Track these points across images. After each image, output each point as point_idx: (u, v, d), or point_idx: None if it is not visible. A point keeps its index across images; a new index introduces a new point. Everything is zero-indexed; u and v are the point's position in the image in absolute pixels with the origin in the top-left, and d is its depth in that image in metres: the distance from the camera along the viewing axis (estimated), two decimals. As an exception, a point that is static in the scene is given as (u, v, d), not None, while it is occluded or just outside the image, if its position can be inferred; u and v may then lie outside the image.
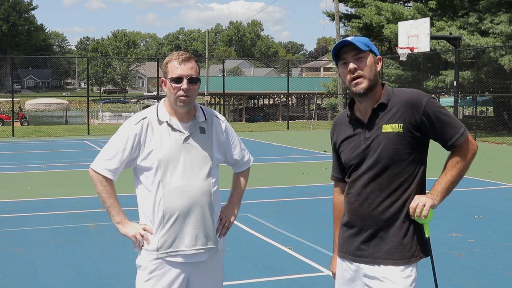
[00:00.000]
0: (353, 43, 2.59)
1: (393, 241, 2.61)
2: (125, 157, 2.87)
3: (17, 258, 6.21)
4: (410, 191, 2.62)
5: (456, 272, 5.68)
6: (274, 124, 35.64)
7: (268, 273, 5.72)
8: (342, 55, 2.63)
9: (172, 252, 2.87)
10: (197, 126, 2.92)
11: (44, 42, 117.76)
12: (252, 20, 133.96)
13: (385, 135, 2.59)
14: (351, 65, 2.59)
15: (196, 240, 2.89)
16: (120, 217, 2.92)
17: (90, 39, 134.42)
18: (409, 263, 2.60)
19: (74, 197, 9.92)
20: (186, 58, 2.85)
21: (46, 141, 22.29)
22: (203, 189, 2.88)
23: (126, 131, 2.89)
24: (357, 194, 2.66)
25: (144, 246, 2.91)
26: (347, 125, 2.75)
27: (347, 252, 2.73)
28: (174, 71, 2.83)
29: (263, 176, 12.14)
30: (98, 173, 2.89)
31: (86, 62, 30.55)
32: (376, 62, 2.65)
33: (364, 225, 2.65)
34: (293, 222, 7.87)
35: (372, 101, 2.65)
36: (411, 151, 2.59)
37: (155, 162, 2.84)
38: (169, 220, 2.85)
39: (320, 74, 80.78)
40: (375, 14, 28.18)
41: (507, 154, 17.28)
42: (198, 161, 2.89)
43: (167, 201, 2.84)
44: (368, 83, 2.59)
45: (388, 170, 2.59)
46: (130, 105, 57.54)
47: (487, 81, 25.76)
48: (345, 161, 2.74)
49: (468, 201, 9.31)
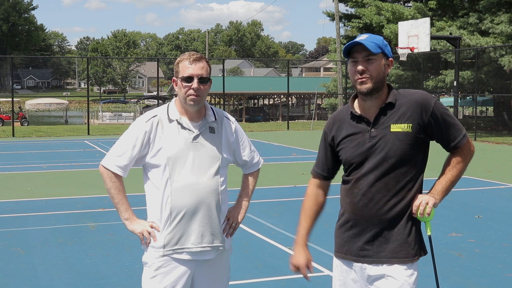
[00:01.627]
0: (365, 45, 2.56)
1: (398, 239, 2.61)
2: (135, 154, 2.92)
3: (17, 258, 6.21)
4: (414, 191, 2.63)
5: (456, 272, 5.68)
6: (274, 124, 35.65)
7: (268, 273, 5.72)
8: (353, 53, 2.61)
9: (178, 249, 2.90)
10: (206, 125, 2.96)
11: (44, 42, 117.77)
12: (252, 20, 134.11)
13: (394, 135, 2.59)
14: (360, 67, 2.59)
15: (202, 238, 2.91)
16: (128, 214, 2.95)
17: (90, 39, 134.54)
18: (412, 261, 2.62)
19: (74, 197, 9.92)
20: (197, 58, 2.90)
21: (46, 141, 22.29)
22: (210, 187, 2.91)
23: (136, 129, 2.94)
24: (363, 193, 2.63)
25: (150, 243, 2.93)
26: (348, 122, 2.71)
27: (349, 252, 2.70)
28: (185, 70, 2.88)
29: (263, 176, 12.07)
30: (108, 170, 2.94)
31: (86, 62, 30.55)
32: (387, 65, 2.65)
33: (369, 224, 2.64)
34: (293, 222, 7.83)
35: (377, 100, 2.65)
36: (417, 151, 2.61)
37: (163, 159, 2.88)
38: (176, 217, 2.88)
39: (320, 74, 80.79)
40: (375, 14, 28.19)
41: (507, 154, 17.28)
42: (207, 160, 2.92)
43: (175, 199, 2.87)
44: (373, 84, 2.59)
45: (395, 170, 2.59)
46: (130, 105, 57.53)
47: (487, 81, 25.77)
48: (346, 159, 2.70)
49: (468, 201, 9.31)
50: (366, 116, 2.66)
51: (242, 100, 53.06)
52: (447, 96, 31.89)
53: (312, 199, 2.86)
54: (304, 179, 11.90)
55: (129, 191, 3.20)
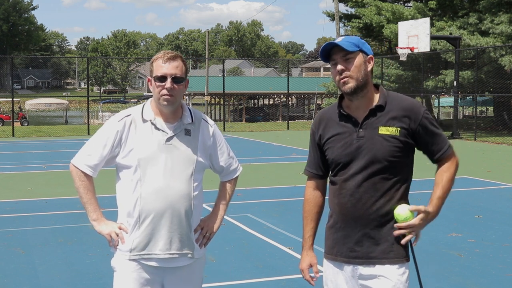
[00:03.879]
0: (340, 46, 2.60)
1: (388, 240, 2.62)
2: (105, 153, 2.82)
3: (17, 258, 6.20)
4: (401, 191, 2.66)
5: (456, 272, 5.68)
6: (274, 124, 35.63)
7: (268, 273, 5.71)
8: (332, 56, 2.65)
9: (145, 255, 2.80)
10: (182, 127, 2.84)
11: (44, 42, 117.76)
12: (252, 20, 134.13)
13: (382, 137, 2.62)
14: (339, 66, 2.62)
15: (170, 244, 2.80)
16: (96, 215, 2.86)
17: (90, 39, 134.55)
18: (403, 261, 2.64)
19: (74, 197, 9.90)
20: (172, 57, 2.79)
21: (46, 141, 22.28)
22: (182, 192, 2.79)
23: (108, 128, 2.85)
24: (350, 194, 2.64)
25: (118, 246, 2.85)
26: (335, 122, 2.72)
27: (339, 254, 2.71)
28: (158, 69, 2.77)
29: (263, 176, 12.14)
30: (78, 168, 2.85)
31: (86, 62, 30.54)
32: (367, 62, 2.66)
33: (357, 225, 2.64)
34: (293, 222, 7.86)
35: (365, 100, 2.67)
36: (404, 154, 2.64)
37: (135, 160, 2.78)
38: (144, 221, 2.78)
39: (320, 74, 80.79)
40: (375, 14, 28.17)
41: (507, 154, 17.26)
42: (180, 163, 2.80)
43: (144, 202, 2.77)
44: (355, 83, 2.61)
45: (383, 171, 2.61)
46: (130, 105, 57.43)
47: (487, 81, 25.75)
48: (333, 159, 2.70)
49: (468, 201, 9.30)
50: (354, 116, 2.67)
51: (242, 100, 53.06)
52: (447, 96, 31.88)
53: (311, 202, 2.86)
54: (304, 179, 11.84)
55: (101, 192, 3.14)
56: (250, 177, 11.68)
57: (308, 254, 2.84)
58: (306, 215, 2.86)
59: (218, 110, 54.00)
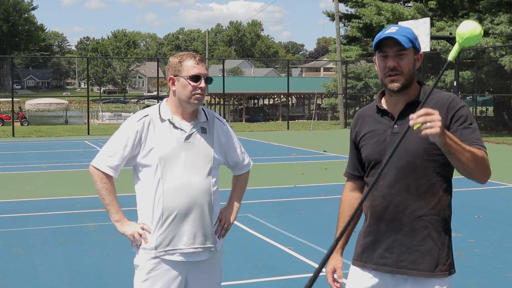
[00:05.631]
0: (397, 40, 2.40)
1: (419, 250, 2.43)
2: (126, 154, 2.88)
3: (17, 258, 6.21)
4: (438, 196, 2.44)
5: (456, 272, 5.67)
6: (274, 124, 35.65)
7: (268, 273, 5.72)
8: (383, 48, 2.43)
9: (170, 250, 2.86)
10: (198, 125, 2.93)
11: (44, 42, 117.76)
12: (252, 20, 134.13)
13: (417, 133, 2.24)
14: (391, 63, 2.41)
15: (194, 239, 2.88)
16: (119, 216, 2.91)
17: (90, 39, 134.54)
18: (435, 276, 2.43)
19: (74, 197, 9.92)
20: (202, 59, 2.91)
21: (46, 141, 22.29)
22: (203, 188, 2.88)
23: (127, 129, 2.90)
24: (382, 196, 2.46)
25: (142, 245, 2.90)
26: (372, 118, 2.56)
27: (368, 260, 2.54)
28: (191, 69, 2.85)
29: (263, 176, 12.13)
30: (99, 170, 2.89)
31: (86, 62, 30.56)
32: (417, 59, 2.48)
33: (388, 230, 2.47)
34: (293, 222, 7.86)
35: (405, 96, 2.48)
36: (441, 152, 2.30)
37: (155, 159, 2.84)
38: (168, 218, 2.84)
39: (320, 74, 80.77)
40: (375, 14, 28.19)
41: (507, 154, 17.27)
42: (199, 160, 2.89)
43: (167, 199, 2.83)
44: (404, 81, 2.43)
45: (417, 170, 2.41)
46: (130, 105, 57.52)
47: (487, 81, 25.77)
48: (365, 156, 2.55)
49: (468, 201, 9.30)
50: (391, 111, 2.51)
51: (242, 100, 53.06)
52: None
53: (345, 203, 2.73)
54: (304, 179, 11.88)
55: (120, 191, 3.17)
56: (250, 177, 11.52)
57: (334, 257, 2.69)
58: (340, 216, 2.74)
59: (218, 110, 53.98)
